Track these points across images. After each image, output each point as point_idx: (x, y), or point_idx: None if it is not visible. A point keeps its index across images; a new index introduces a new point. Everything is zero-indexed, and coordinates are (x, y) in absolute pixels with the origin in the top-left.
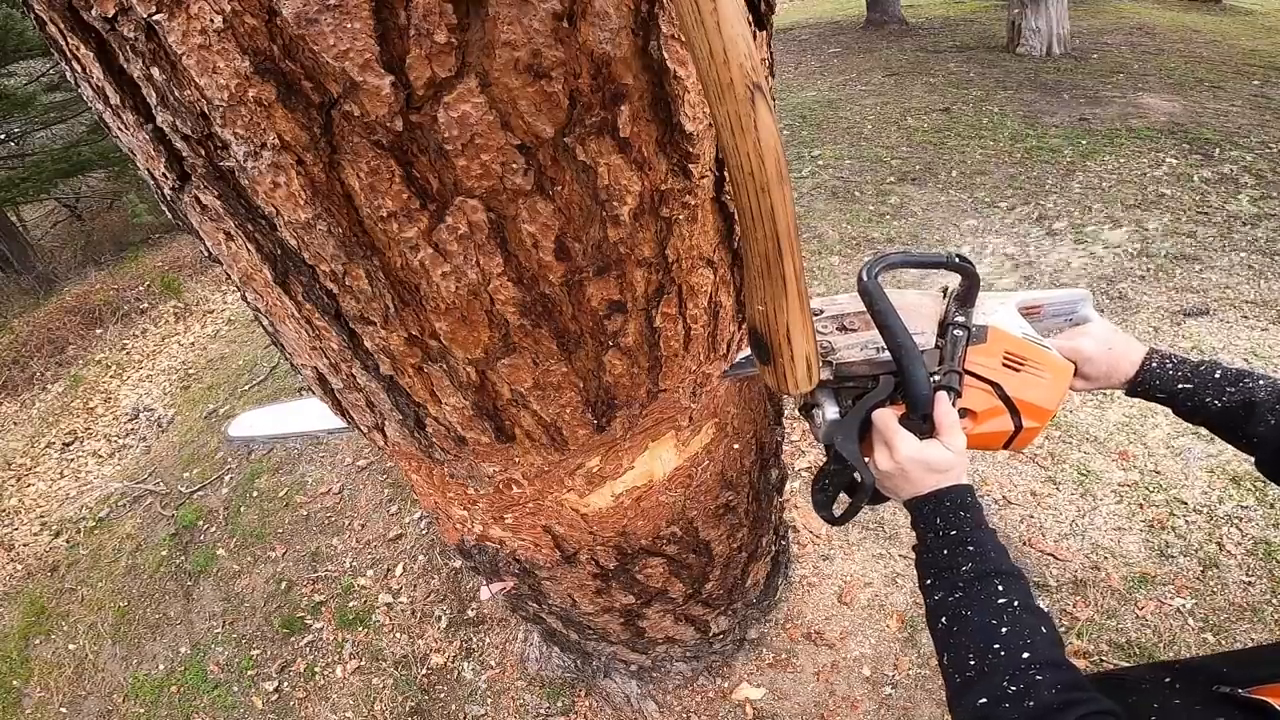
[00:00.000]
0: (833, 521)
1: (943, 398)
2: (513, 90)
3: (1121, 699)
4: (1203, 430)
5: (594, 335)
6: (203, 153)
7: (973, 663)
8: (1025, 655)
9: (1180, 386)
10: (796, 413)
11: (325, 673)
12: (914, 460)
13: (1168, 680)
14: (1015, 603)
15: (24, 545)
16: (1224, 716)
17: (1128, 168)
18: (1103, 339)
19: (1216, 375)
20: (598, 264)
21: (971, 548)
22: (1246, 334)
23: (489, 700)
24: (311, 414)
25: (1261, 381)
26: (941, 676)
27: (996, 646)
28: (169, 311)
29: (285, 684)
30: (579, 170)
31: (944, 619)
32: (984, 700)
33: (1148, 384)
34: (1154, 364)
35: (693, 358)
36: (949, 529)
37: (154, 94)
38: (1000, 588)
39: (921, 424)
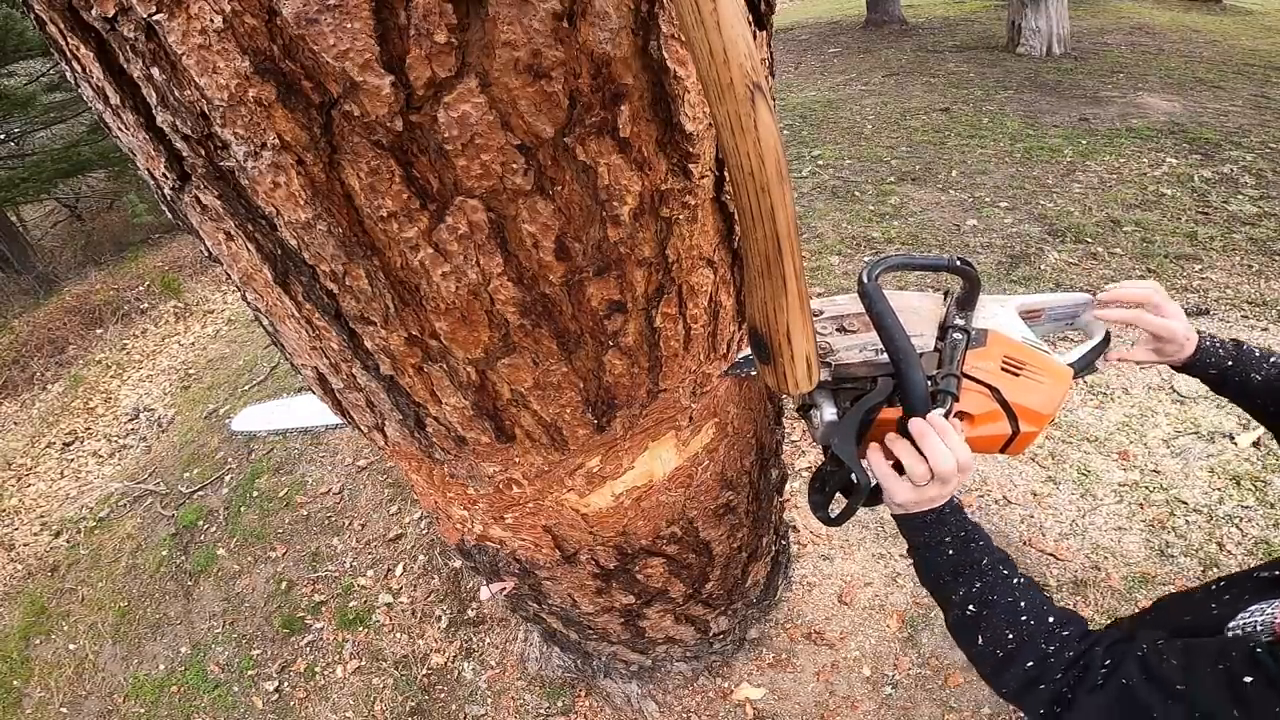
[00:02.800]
0: (828, 522)
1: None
2: (513, 90)
3: (1187, 610)
4: (1203, 429)
5: (594, 335)
6: (203, 153)
7: (1010, 636)
8: (1050, 619)
9: (1229, 364)
10: (796, 412)
11: (325, 673)
12: None
13: (1222, 583)
14: (1019, 579)
15: (24, 545)
16: None
17: (1128, 168)
18: (1185, 320)
19: (1256, 354)
20: (598, 264)
21: (981, 541)
22: (1246, 334)
23: (489, 700)
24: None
25: None
26: (975, 659)
27: (1024, 618)
28: (169, 311)
29: (285, 684)
30: (579, 170)
31: (972, 607)
32: (1031, 663)
33: (1203, 361)
34: (1206, 343)
35: (693, 358)
36: (958, 529)
37: (154, 94)
38: (1005, 571)
39: None
